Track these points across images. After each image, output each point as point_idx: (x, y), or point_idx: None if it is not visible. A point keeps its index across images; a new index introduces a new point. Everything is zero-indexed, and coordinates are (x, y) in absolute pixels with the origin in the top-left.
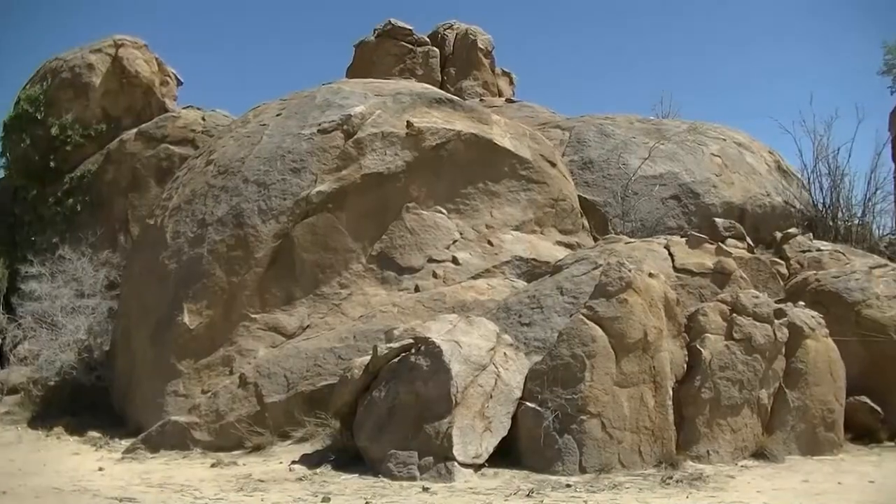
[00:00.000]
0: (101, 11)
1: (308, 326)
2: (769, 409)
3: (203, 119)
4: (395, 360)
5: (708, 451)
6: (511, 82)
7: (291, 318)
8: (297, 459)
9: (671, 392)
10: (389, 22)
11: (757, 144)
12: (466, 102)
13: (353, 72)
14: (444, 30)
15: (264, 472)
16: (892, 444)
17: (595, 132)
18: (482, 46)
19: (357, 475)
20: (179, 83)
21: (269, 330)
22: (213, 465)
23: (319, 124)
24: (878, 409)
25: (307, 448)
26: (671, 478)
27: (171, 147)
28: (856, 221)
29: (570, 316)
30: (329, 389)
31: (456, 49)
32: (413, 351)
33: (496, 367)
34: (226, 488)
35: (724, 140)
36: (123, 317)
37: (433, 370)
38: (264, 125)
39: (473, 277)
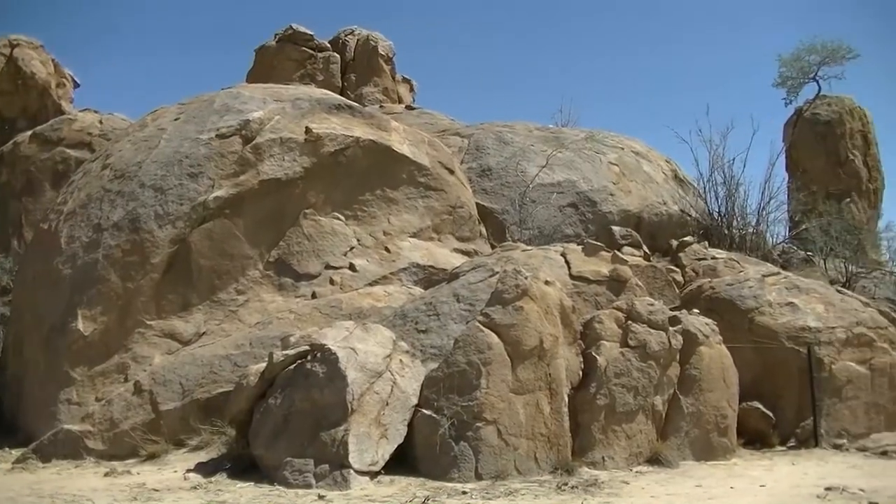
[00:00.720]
0: None
1: (204, 333)
2: (664, 415)
3: (100, 122)
4: (292, 367)
5: (603, 457)
6: (411, 89)
7: (188, 324)
8: (192, 468)
9: (567, 399)
10: (290, 27)
11: (654, 153)
12: (365, 109)
13: (254, 76)
14: (346, 36)
15: (158, 481)
16: (784, 448)
17: (494, 140)
18: (383, 53)
19: (252, 483)
20: (76, 85)
21: (164, 336)
22: (106, 475)
23: (218, 129)
24: (770, 414)
25: (203, 456)
26: (566, 484)
27: (67, 150)
28: (750, 230)
29: (467, 323)
30: (225, 397)
31: (357, 55)
32: (309, 358)
33: (392, 375)
34: (119, 498)
35: (622, 149)
36: (15, 323)
37: (329, 377)
38: (162, 129)
39: (371, 284)
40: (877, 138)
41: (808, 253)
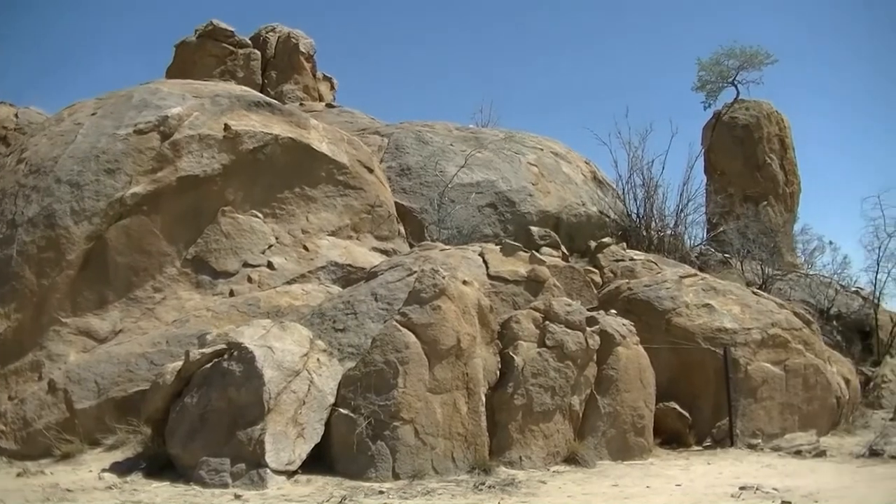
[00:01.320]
0: None
1: (121, 331)
2: (581, 415)
3: (16, 116)
4: (208, 365)
5: (520, 457)
6: (332, 87)
7: (104, 322)
8: (107, 467)
9: (484, 398)
10: (211, 23)
11: (573, 155)
12: (285, 106)
13: (173, 72)
14: (267, 33)
15: (73, 482)
16: (700, 448)
17: (413, 139)
18: (304, 50)
19: (168, 483)
20: None
21: (80, 334)
22: (18, 475)
23: (136, 125)
24: (687, 414)
25: (118, 455)
26: (484, 483)
27: None
28: (668, 232)
29: (385, 322)
30: (141, 395)
31: (278, 52)
32: (226, 356)
33: (309, 373)
34: (31, 499)
35: (541, 150)
36: None
37: (246, 376)
38: (79, 124)
39: (289, 282)
40: (794, 143)
41: (726, 255)
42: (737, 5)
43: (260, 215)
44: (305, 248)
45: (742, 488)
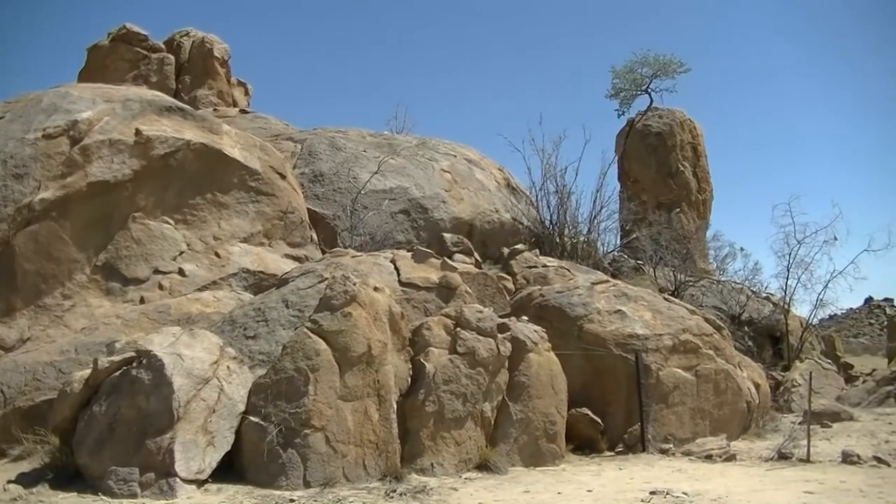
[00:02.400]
0: None
1: (28, 339)
2: (493, 421)
3: None
4: (117, 373)
5: (432, 464)
6: (247, 92)
7: (11, 330)
8: (12, 478)
9: (395, 406)
10: (124, 26)
11: (487, 161)
12: (197, 112)
13: (86, 76)
14: (181, 37)
15: None
16: (612, 453)
17: (327, 145)
18: (218, 55)
19: (76, 493)
20: None
21: None
22: None
23: (45, 129)
24: (599, 420)
25: (24, 466)
26: (395, 491)
27: None
28: (581, 238)
29: (295, 329)
30: (49, 405)
31: (192, 57)
32: (135, 364)
33: (219, 381)
34: None
35: (455, 156)
36: None
37: (155, 384)
38: None
39: (200, 289)
40: (706, 150)
41: (639, 261)
42: (650, 15)
43: (171, 221)
44: (217, 254)
45: (652, 493)
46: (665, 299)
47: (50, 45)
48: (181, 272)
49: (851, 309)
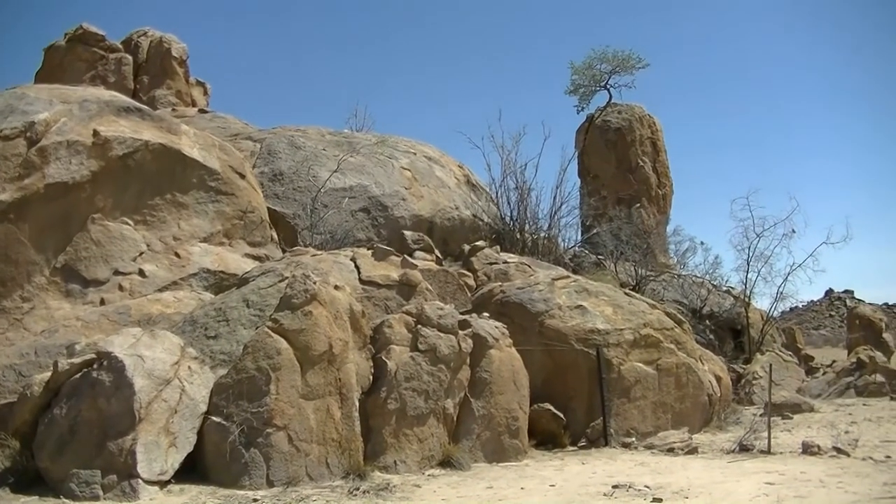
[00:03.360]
0: None
1: None
2: (455, 418)
3: None
4: (77, 375)
5: (395, 461)
6: (205, 92)
7: None
8: None
9: (358, 404)
10: (81, 27)
11: (447, 158)
12: (155, 112)
13: (43, 77)
14: (138, 37)
15: None
16: (575, 448)
17: (286, 144)
18: (176, 55)
19: (37, 497)
20: None
21: None
22: None
23: (1, 131)
24: (561, 415)
25: None
26: (358, 489)
27: None
28: (542, 234)
29: (256, 328)
30: (8, 408)
31: (150, 57)
32: (95, 366)
33: (181, 382)
34: None
35: (415, 154)
36: None
37: (116, 385)
38: None
39: (160, 290)
40: (665, 145)
41: (599, 256)
42: (609, 10)
43: (131, 222)
44: (177, 255)
45: (615, 487)
46: (626, 294)
47: (6, 47)
48: (141, 273)
49: (812, 301)
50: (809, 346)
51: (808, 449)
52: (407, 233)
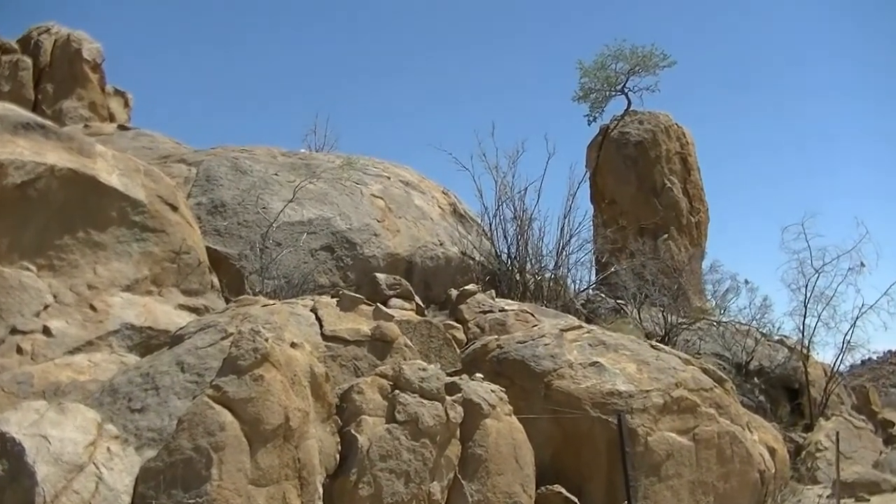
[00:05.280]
0: None
1: None
2: None
3: None
4: None
5: None
6: (126, 104)
7: None
8: None
9: (321, 489)
10: None
11: (428, 183)
12: (64, 129)
13: None
14: (39, 35)
15: None
16: None
17: (229, 168)
18: (89, 58)
19: None
20: None
21: None
22: None
23: None
24: (575, 499)
25: None
26: None
27: None
28: (547, 275)
29: (194, 398)
30: None
31: (55, 60)
32: None
33: (97, 468)
34: None
35: (388, 178)
36: None
37: (13, 474)
38: None
39: (71, 352)
40: (698, 162)
41: (619, 301)
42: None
43: (33, 268)
44: (93, 307)
45: None
46: (652, 347)
47: None
48: (46, 331)
49: (889, 352)
50: (887, 408)
51: None
52: (380, 276)
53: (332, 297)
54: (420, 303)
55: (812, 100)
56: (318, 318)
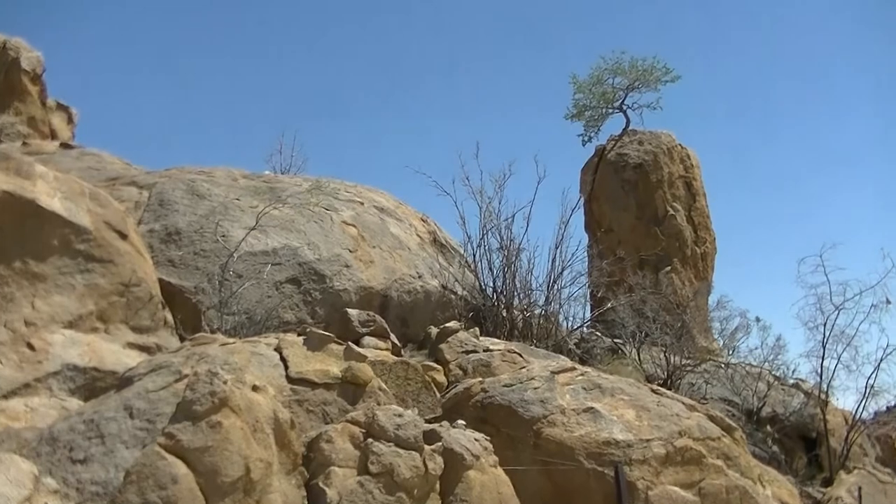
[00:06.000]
0: None
1: None
2: None
3: None
4: None
5: None
6: (70, 120)
7: None
8: None
9: None
10: None
11: (405, 209)
12: None
13: None
14: None
15: None
16: None
17: (185, 191)
18: (28, 68)
19: None
20: None
21: None
22: None
23: None
24: None
25: None
26: None
27: None
28: (537, 311)
29: (144, 447)
30: None
31: None
32: None
33: None
34: None
35: (361, 203)
36: None
37: None
38: None
39: (5, 396)
40: (704, 187)
41: (616, 341)
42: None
43: None
44: (30, 346)
45: None
46: (653, 391)
47: None
48: None
49: None
50: None
51: None
52: (352, 311)
53: (299, 335)
54: (396, 342)
55: (833, 120)
56: (282, 359)
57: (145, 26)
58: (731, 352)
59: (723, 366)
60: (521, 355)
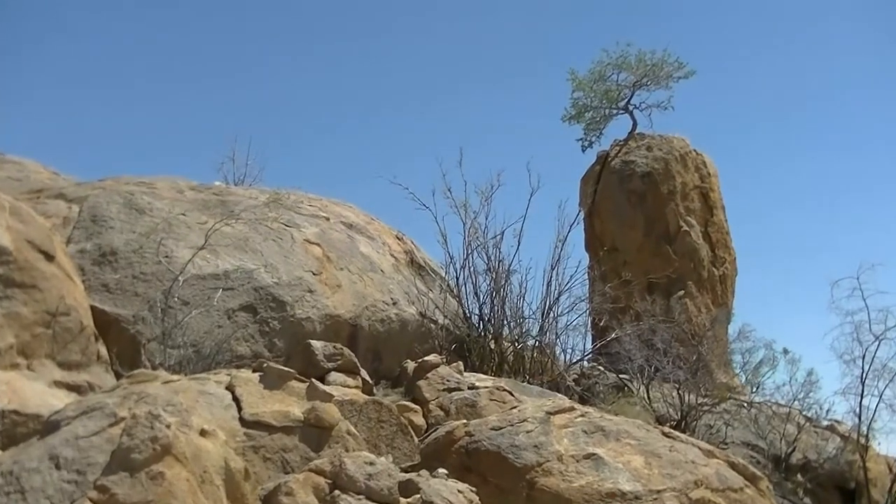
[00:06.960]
0: None
1: None
2: None
3: None
4: None
5: None
6: None
7: None
8: None
9: None
10: None
11: (377, 226)
12: None
13: None
14: None
15: None
16: None
17: (122, 206)
18: None
19: None
20: None
21: None
22: None
23: None
24: None
25: None
26: None
27: None
28: (530, 343)
29: (73, 503)
30: None
31: None
32: None
33: None
34: None
35: (327, 219)
36: None
37: None
38: None
39: None
40: (723, 199)
41: (622, 376)
42: None
43: None
44: None
45: None
46: (665, 435)
47: None
48: None
49: None
50: None
51: None
52: (316, 344)
53: (255, 371)
54: (367, 378)
55: (869, 127)
56: (235, 399)
57: (78, 20)
58: (754, 389)
59: (745, 405)
60: (511, 393)
